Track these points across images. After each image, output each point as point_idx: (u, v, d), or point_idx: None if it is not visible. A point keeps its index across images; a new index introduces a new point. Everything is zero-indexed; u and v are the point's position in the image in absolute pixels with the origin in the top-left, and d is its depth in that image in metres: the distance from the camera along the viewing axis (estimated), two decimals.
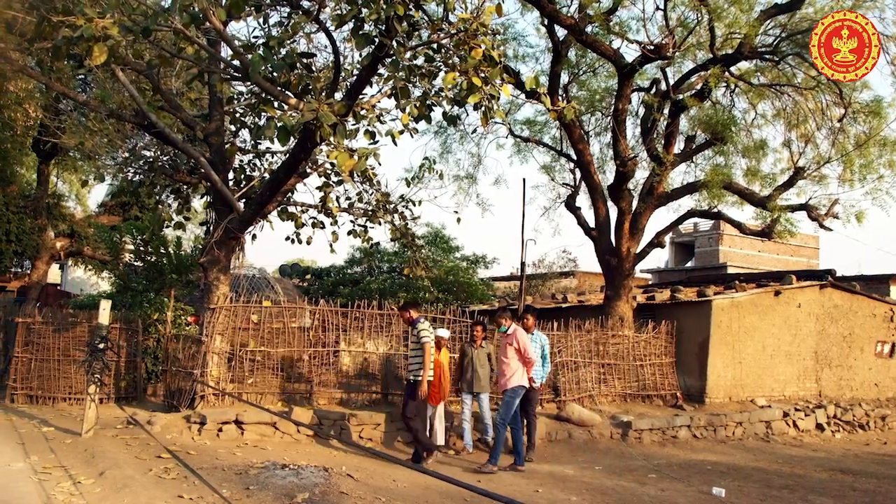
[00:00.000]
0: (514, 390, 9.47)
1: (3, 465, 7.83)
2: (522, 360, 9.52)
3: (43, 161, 24.28)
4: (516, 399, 9.48)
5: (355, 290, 16.90)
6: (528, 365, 9.56)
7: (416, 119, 8.21)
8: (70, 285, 42.70)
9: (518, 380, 9.49)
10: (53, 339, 12.09)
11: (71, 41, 7.03)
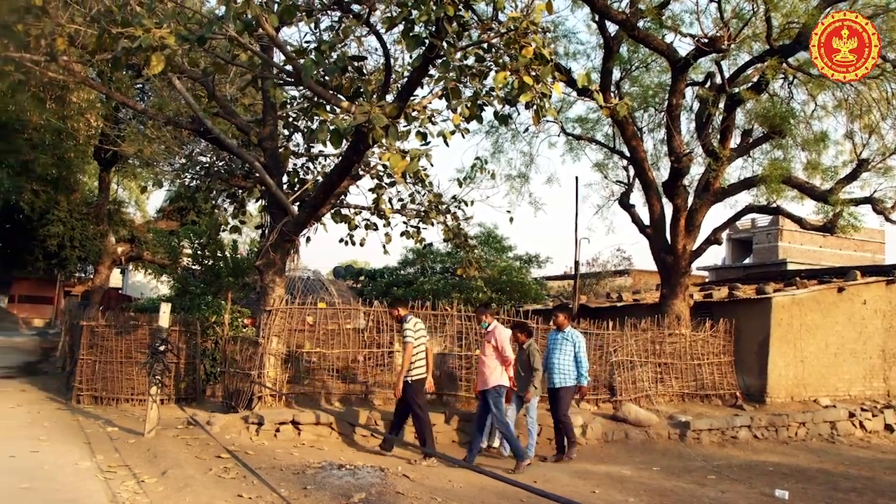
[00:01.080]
0: (496, 389, 9.25)
1: (72, 464, 8.06)
2: (500, 359, 9.32)
3: (104, 169, 25.00)
4: (500, 399, 9.27)
5: (409, 291, 16.95)
6: (505, 364, 9.33)
7: (468, 119, 8.20)
8: (131, 289, 43.87)
9: (497, 379, 9.26)
10: (116, 342, 12.38)
11: (130, 52, 7.21)
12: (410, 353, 9.32)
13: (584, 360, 10.11)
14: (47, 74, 9.90)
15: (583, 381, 10.10)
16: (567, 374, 10.02)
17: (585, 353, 10.17)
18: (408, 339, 9.36)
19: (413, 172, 9.45)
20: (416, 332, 9.46)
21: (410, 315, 9.75)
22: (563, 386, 10.02)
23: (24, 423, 10.63)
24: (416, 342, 9.42)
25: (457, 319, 11.86)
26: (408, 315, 9.69)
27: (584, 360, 10.09)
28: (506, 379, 9.34)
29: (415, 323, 9.58)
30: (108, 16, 8.35)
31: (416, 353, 9.41)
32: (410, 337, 9.36)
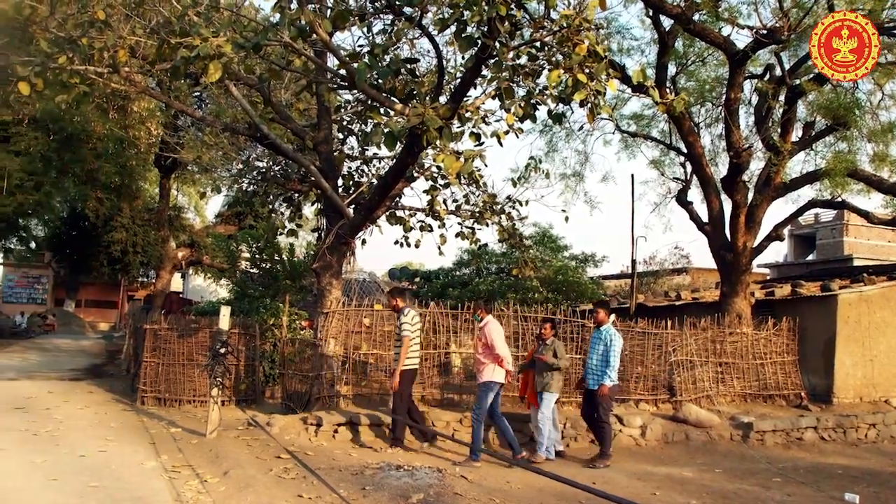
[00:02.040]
0: (487, 385, 9.24)
1: (138, 464, 8.26)
2: (492, 356, 9.27)
3: (164, 175, 25.56)
4: (489, 393, 9.23)
5: (464, 292, 16.92)
6: (497, 361, 9.24)
7: (521, 119, 8.14)
8: (191, 293, 44.82)
9: (489, 375, 9.24)
10: (178, 345, 12.64)
11: (188, 61, 7.36)
12: (408, 346, 9.43)
13: (614, 358, 9.57)
14: (110, 85, 10.16)
15: (605, 380, 9.52)
16: (600, 374, 9.65)
17: (616, 352, 9.62)
18: (405, 332, 9.44)
19: (467, 173, 9.46)
20: (413, 325, 9.55)
21: (409, 308, 9.85)
22: (594, 388, 9.71)
23: (92, 423, 10.93)
24: (412, 335, 9.51)
25: (512, 320, 11.81)
26: (406, 307, 9.79)
27: (612, 358, 9.57)
28: (499, 375, 9.29)
29: (412, 316, 9.66)
30: (167, 27, 8.54)
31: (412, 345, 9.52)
32: (408, 330, 9.45)
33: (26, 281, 46.75)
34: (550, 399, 9.68)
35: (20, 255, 32.64)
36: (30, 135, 17.95)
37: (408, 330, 9.48)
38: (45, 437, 9.59)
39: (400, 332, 9.54)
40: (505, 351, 9.34)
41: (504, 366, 9.31)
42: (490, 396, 9.26)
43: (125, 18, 8.91)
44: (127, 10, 8.73)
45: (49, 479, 7.35)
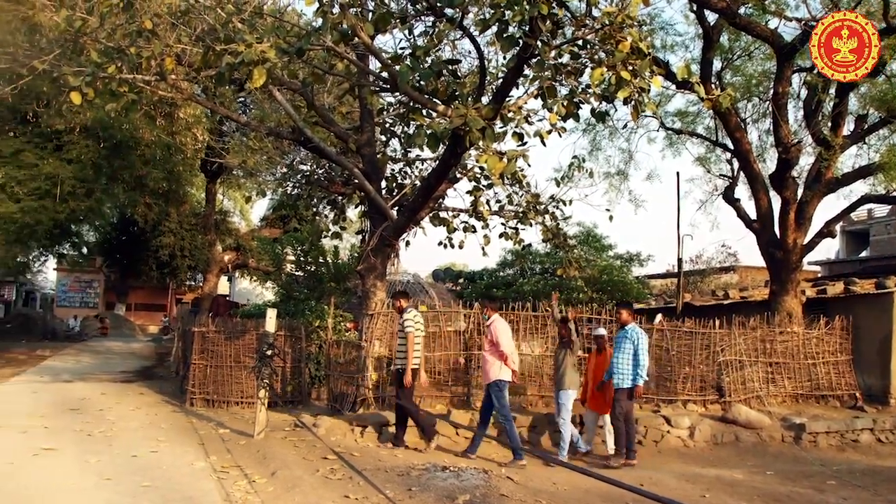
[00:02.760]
0: (497, 384, 9.26)
1: (188, 464, 8.40)
2: (497, 354, 9.28)
3: (210, 180, 25.97)
4: (503, 392, 9.26)
5: (508, 293, 16.88)
6: (503, 358, 9.26)
7: (564, 118, 8.09)
8: (237, 295, 45.42)
9: (496, 373, 9.27)
10: (225, 347, 12.81)
11: (233, 67, 7.47)
12: (413, 344, 9.56)
13: (644, 358, 9.40)
14: (157, 93, 10.35)
15: (638, 381, 9.38)
16: (624, 374, 9.48)
17: (646, 352, 9.45)
18: (409, 329, 9.57)
19: (510, 173, 9.41)
20: (416, 323, 9.68)
21: (411, 307, 10.00)
22: (618, 387, 9.54)
23: (144, 424, 11.15)
24: (416, 331, 9.64)
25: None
26: (408, 307, 9.95)
27: (643, 358, 9.39)
28: (506, 373, 9.29)
29: (414, 315, 9.79)
30: (212, 34, 8.67)
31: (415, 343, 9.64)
32: (412, 327, 9.58)
33: (79, 285, 47.90)
34: (568, 397, 9.62)
35: (73, 261, 33.48)
36: (81, 143, 18.36)
37: (411, 327, 9.62)
38: (99, 438, 9.81)
39: (403, 329, 9.66)
40: (510, 349, 9.37)
41: (509, 364, 9.32)
42: (504, 394, 9.30)
43: (171, 27, 9.06)
44: (173, 20, 8.88)
45: (103, 478, 7.52)
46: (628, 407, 9.51)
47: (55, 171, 17.74)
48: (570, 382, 9.64)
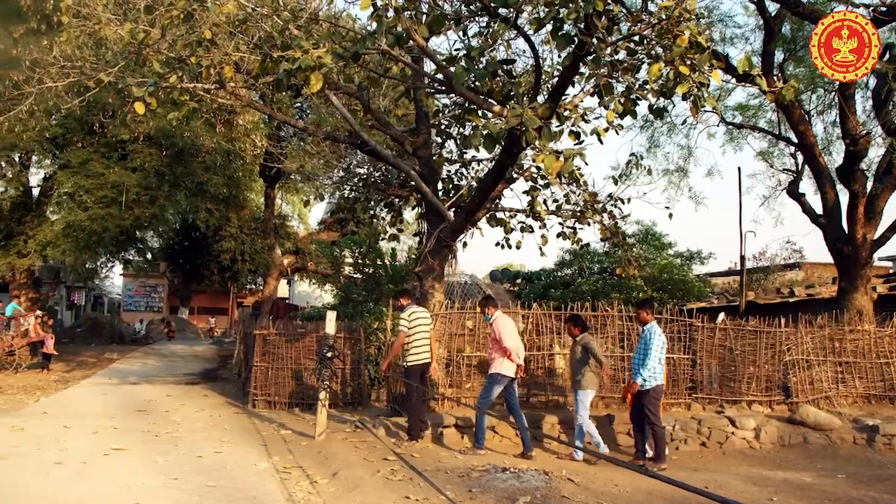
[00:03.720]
0: (493, 377, 9.44)
1: (251, 465, 8.53)
2: (500, 350, 9.37)
3: (269, 185, 26.35)
4: (494, 386, 9.42)
5: (566, 293, 16.73)
6: (506, 354, 9.35)
7: (622, 115, 7.99)
8: (297, 298, 46.03)
9: (496, 368, 9.42)
10: (286, 349, 12.97)
11: (290, 73, 7.58)
12: (401, 341, 9.92)
13: (650, 357, 9.01)
14: (217, 101, 10.57)
15: (636, 378, 9.07)
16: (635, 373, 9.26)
17: (655, 350, 9.04)
18: (401, 327, 9.97)
19: (568, 172, 9.32)
20: (410, 321, 9.92)
21: (410, 305, 10.25)
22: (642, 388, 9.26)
23: (208, 425, 11.38)
24: (408, 330, 9.90)
25: (617, 320, 11.60)
26: (408, 305, 10.23)
27: (649, 356, 9.01)
28: (508, 368, 9.41)
29: (410, 313, 10.03)
30: (269, 41, 8.81)
31: (413, 340, 9.92)
32: (404, 326, 9.93)
33: (144, 290, 49.21)
34: (585, 396, 9.46)
35: (138, 266, 34.33)
36: (145, 151, 18.84)
37: (404, 325, 9.93)
38: (166, 439, 10.05)
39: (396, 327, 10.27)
40: (512, 343, 9.43)
41: (513, 359, 9.42)
42: (496, 389, 9.46)
43: (230, 36, 9.23)
44: (231, 28, 9.05)
45: (170, 478, 7.68)
46: (657, 407, 9.28)
47: (121, 180, 18.24)
48: (588, 382, 9.49)
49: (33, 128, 17.31)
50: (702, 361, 11.69)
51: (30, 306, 21.73)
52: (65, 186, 19.49)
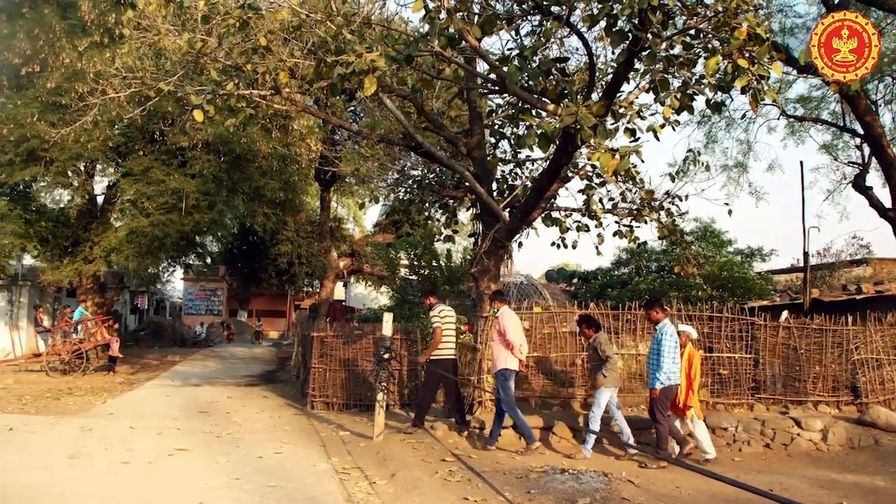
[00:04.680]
0: (502, 372, 9.68)
1: (310, 465, 8.63)
2: (504, 343, 9.66)
3: (324, 189, 26.65)
4: (508, 381, 9.68)
5: (624, 292, 16.51)
6: (509, 348, 9.65)
7: (678, 111, 7.88)
8: (353, 300, 46.38)
9: (503, 363, 9.70)
10: (343, 351, 13.10)
11: (344, 77, 7.64)
12: (440, 336, 10.33)
13: (664, 356, 8.86)
14: (273, 106, 10.71)
15: (653, 383, 8.93)
16: (651, 374, 9.17)
17: (668, 349, 8.88)
18: (436, 323, 10.39)
19: (624, 170, 9.21)
20: (442, 318, 10.40)
21: (438, 304, 10.74)
22: (649, 387, 9.22)
23: (268, 426, 11.55)
24: (444, 326, 10.37)
25: (676, 319, 11.39)
26: (436, 304, 10.72)
27: (663, 356, 8.86)
28: (512, 362, 9.68)
29: (440, 310, 10.52)
30: (323, 47, 8.92)
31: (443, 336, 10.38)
32: (438, 321, 10.37)
33: (204, 294, 50.22)
34: (601, 395, 9.40)
35: (198, 270, 35.02)
36: (203, 158, 19.21)
37: (437, 321, 10.40)
38: (227, 439, 10.23)
39: (433, 324, 10.53)
40: (516, 338, 9.69)
41: (515, 353, 9.69)
42: (509, 383, 9.71)
43: (284, 42, 9.36)
44: (286, 35, 9.18)
45: (232, 478, 7.82)
46: (666, 407, 9.14)
47: (180, 186, 18.63)
48: (605, 380, 9.43)
49: (97, 137, 17.88)
50: (764, 361, 11.43)
51: (96, 311, 22.35)
52: (127, 194, 20.00)
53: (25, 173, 18.63)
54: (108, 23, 18.00)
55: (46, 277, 21.17)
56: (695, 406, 9.36)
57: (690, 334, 9.71)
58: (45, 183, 20.40)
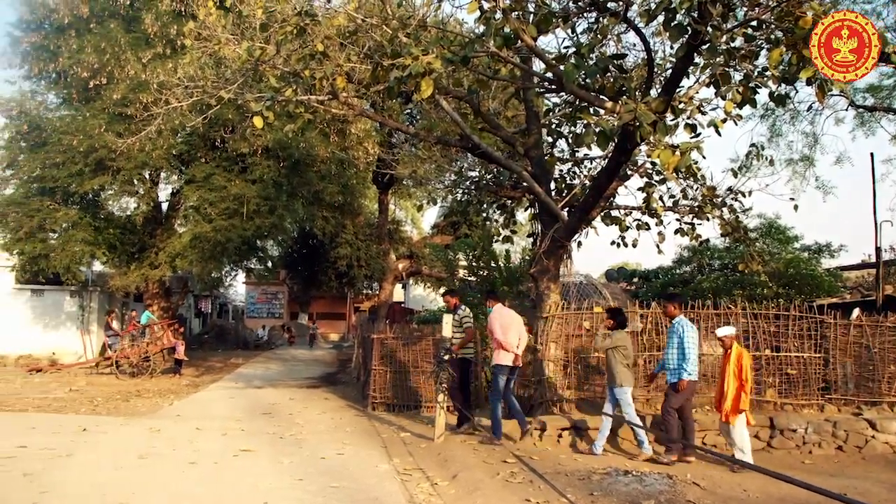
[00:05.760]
0: (497, 367, 10.01)
1: (372, 466, 8.69)
2: (495, 341, 10.05)
3: (382, 192, 26.88)
4: (500, 376, 9.96)
5: (686, 291, 16.21)
6: (499, 346, 9.97)
7: (740, 105, 7.71)
8: (412, 302, 46.56)
9: (496, 359, 10.05)
10: (403, 353, 13.17)
11: (401, 80, 7.69)
12: (471, 336, 10.70)
13: (690, 350, 9.00)
14: (330, 111, 10.84)
15: (682, 375, 8.98)
16: (671, 369, 9.15)
17: (692, 344, 9.04)
18: (467, 325, 10.73)
19: (684, 167, 9.05)
20: (470, 318, 10.79)
21: (461, 305, 11.13)
22: (668, 382, 9.22)
23: (330, 427, 11.68)
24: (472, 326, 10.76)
25: (741, 318, 11.13)
26: (460, 305, 11.10)
27: (689, 350, 9.00)
28: (504, 358, 9.97)
29: (468, 312, 10.97)
30: (379, 50, 8.97)
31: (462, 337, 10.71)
32: (469, 323, 10.73)
33: (265, 297, 51.07)
34: (624, 394, 9.39)
35: (260, 274, 35.67)
36: (263, 163, 19.57)
37: (469, 322, 10.73)
38: (290, 440, 10.38)
39: (461, 325, 10.74)
40: (503, 336, 9.98)
41: (509, 349, 9.97)
42: (501, 379, 9.98)
43: (341, 47, 9.45)
44: (342, 40, 9.26)
45: (295, 478, 7.93)
46: (678, 402, 9.08)
47: (241, 192, 19.00)
48: (623, 379, 9.40)
49: (161, 146, 18.37)
50: (835, 360, 11.06)
51: (162, 315, 22.95)
52: (190, 200, 20.49)
53: (94, 182, 19.25)
54: (170, 34, 18.50)
55: (115, 283, 21.84)
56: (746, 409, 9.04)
57: (732, 334, 9.30)
58: (112, 191, 21.02)
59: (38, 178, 20.00)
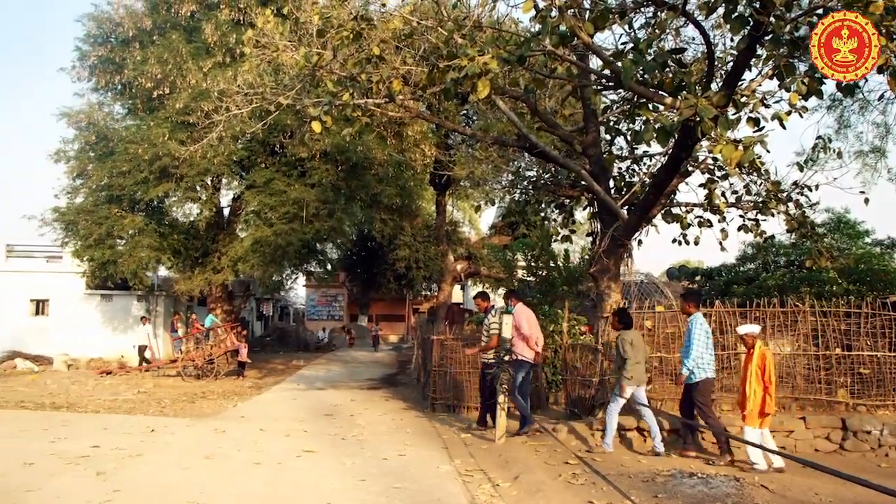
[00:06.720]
0: (519, 363, 10.42)
1: (433, 467, 8.71)
2: (521, 337, 10.37)
3: (439, 193, 26.94)
4: (521, 370, 10.46)
5: (750, 289, 15.84)
6: (526, 342, 10.43)
7: (805, 96, 7.49)
8: (471, 303, 46.57)
9: (520, 353, 10.41)
10: (463, 354, 13.17)
11: (457, 82, 7.70)
12: (496, 343, 10.67)
13: (692, 345, 8.92)
14: (387, 114, 10.92)
15: (682, 370, 9.04)
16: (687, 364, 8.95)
17: (696, 339, 8.94)
18: (494, 332, 10.79)
19: (748, 162, 8.87)
20: (497, 325, 10.73)
21: (494, 308, 11.51)
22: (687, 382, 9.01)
23: (391, 429, 11.75)
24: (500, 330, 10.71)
25: (810, 316, 10.82)
26: (492, 308, 11.50)
27: (691, 345, 8.94)
28: (524, 352, 10.44)
29: (497, 318, 10.92)
30: (435, 52, 9.00)
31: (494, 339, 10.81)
32: (496, 330, 10.72)
33: (325, 300, 51.65)
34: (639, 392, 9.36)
35: (320, 277, 36.05)
36: (321, 168, 19.82)
37: (495, 328, 10.77)
38: (352, 441, 10.47)
39: (488, 331, 10.99)
40: (529, 331, 10.47)
41: (532, 346, 10.49)
42: (521, 373, 10.45)
43: (396, 51, 9.51)
44: (398, 43, 9.33)
45: (358, 479, 7.99)
46: (701, 401, 8.90)
47: (301, 196, 19.28)
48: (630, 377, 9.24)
49: (222, 153, 18.77)
50: None
51: (225, 318, 23.42)
52: (251, 205, 20.89)
53: (159, 189, 19.77)
54: (229, 43, 18.91)
55: (179, 287, 22.37)
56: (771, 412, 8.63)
57: (755, 333, 8.85)
58: (176, 198, 21.56)
59: (106, 187, 20.67)
